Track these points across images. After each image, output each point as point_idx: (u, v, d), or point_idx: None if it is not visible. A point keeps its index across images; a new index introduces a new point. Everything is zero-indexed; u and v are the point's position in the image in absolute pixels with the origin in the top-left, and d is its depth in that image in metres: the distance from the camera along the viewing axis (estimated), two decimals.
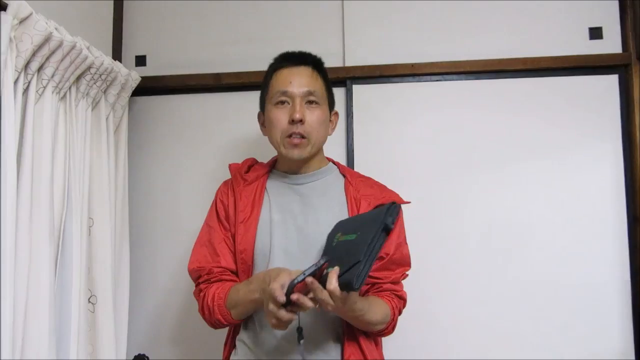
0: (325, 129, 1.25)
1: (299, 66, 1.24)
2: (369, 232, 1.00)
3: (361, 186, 1.25)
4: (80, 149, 1.39)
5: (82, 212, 1.37)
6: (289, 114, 1.19)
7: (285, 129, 1.20)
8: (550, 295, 1.58)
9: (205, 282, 1.23)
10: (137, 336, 1.72)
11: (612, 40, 1.62)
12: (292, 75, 1.22)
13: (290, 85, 1.21)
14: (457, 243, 1.63)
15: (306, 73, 1.23)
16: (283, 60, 1.27)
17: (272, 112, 1.22)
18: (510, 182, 1.63)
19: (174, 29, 1.82)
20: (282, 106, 1.21)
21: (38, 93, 1.22)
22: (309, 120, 1.19)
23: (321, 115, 1.22)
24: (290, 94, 1.20)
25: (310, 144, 1.21)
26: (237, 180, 1.30)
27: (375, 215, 1.04)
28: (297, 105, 1.19)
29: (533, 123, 1.64)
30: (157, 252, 1.76)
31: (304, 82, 1.21)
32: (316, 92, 1.22)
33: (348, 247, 1.03)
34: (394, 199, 1.22)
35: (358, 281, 0.96)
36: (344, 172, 1.31)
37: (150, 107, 1.80)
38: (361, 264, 0.96)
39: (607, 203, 1.59)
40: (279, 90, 1.21)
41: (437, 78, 1.68)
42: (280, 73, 1.24)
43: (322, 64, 1.29)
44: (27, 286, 1.16)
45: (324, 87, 1.26)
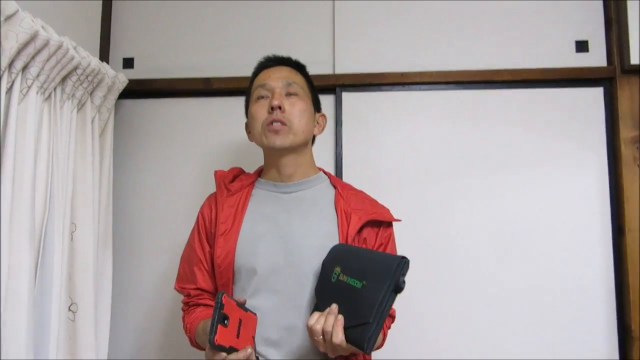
0: (308, 120, 1.21)
1: (278, 66, 1.25)
2: (378, 288, 0.95)
3: (352, 200, 1.20)
4: (64, 152, 1.35)
5: (65, 217, 1.33)
6: (269, 105, 1.17)
7: (265, 119, 1.17)
8: (536, 304, 1.59)
9: (186, 304, 1.24)
10: (119, 346, 1.67)
11: (598, 54, 1.65)
12: (271, 72, 1.23)
13: (269, 78, 1.21)
14: (445, 251, 1.62)
15: (286, 69, 1.24)
16: (263, 62, 1.28)
17: (253, 108, 1.21)
18: (496, 191, 1.64)
19: (163, 32, 1.79)
20: (262, 100, 1.20)
21: (22, 93, 1.18)
22: (289, 109, 1.17)
23: (303, 106, 1.20)
24: (270, 87, 1.19)
25: (292, 132, 1.17)
26: (220, 189, 1.25)
27: (383, 266, 0.98)
28: (276, 94, 1.18)
29: (520, 133, 1.65)
30: (141, 260, 1.72)
31: (283, 76, 1.21)
32: (295, 84, 1.21)
33: (352, 295, 0.98)
34: (384, 215, 1.21)
35: (369, 345, 0.92)
36: (335, 183, 1.25)
37: (138, 110, 1.77)
38: (372, 326, 0.92)
39: (592, 214, 1.61)
40: (258, 84, 1.21)
41: (427, 87, 1.69)
42: (260, 73, 1.25)
43: (303, 67, 1.29)
44: (5, 293, 1.12)
45: (305, 83, 1.25)
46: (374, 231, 1.18)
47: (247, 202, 1.21)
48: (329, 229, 1.15)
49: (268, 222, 1.17)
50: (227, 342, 0.94)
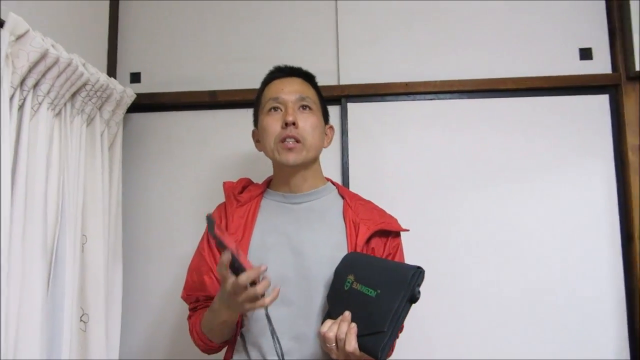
0: (319, 135, 1.21)
1: (290, 77, 1.24)
2: (393, 298, 0.96)
3: (360, 210, 1.21)
4: (75, 165, 1.38)
5: (76, 229, 1.36)
6: (282, 118, 1.17)
7: (279, 134, 1.16)
8: (545, 312, 1.58)
9: (193, 310, 1.24)
10: (128, 356, 1.69)
11: (602, 61, 1.65)
12: (284, 84, 1.22)
13: (282, 91, 1.20)
14: (451, 260, 1.63)
15: (298, 81, 1.24)
16: (274, 72, 1.27)
17: (265, 120, 1.20)
18: (502, 200, 1.64)
19: (168, 46, 1.82)
20: (274, 112, 1.19)
21: (33, 109, 1.21)
22: (302, 125, 1.17)
23: (315, 121, 1.20)
24: (283, 100, 1.19)
25: (305, 149, 1.17)
26: (230, 200, 1.26)
27: (398, 275, 0.99)
28: (289, 109, 1.17)
29: (525, 142, 1.65)
30: (150, 271, 1.74)
31: (296, 89, 1.21)
32: (309, 98, 1.21)
33: (366, 303, 0.99)
34: (393, 225, 1.21)
35: (383, 354, 0.93)
36: (343, 193, 1.26)
37: (145, 123, 1.80)
38: (385, 335, 0.93)
39: (600, 221, 1.60)
40: (270, 97, 1.20)
41: (431, 97, 1.70)
42: (271, 84, 1.24)
43: (313, 78, 1.29)
44: (19, 304, 1.14)
45: (316, 96, 1.25)
46: (382, 241, 1.19)
47: (257, 213, 1.22)
48: (337, 239, 1.16)
49: (277, 233, 1.18)
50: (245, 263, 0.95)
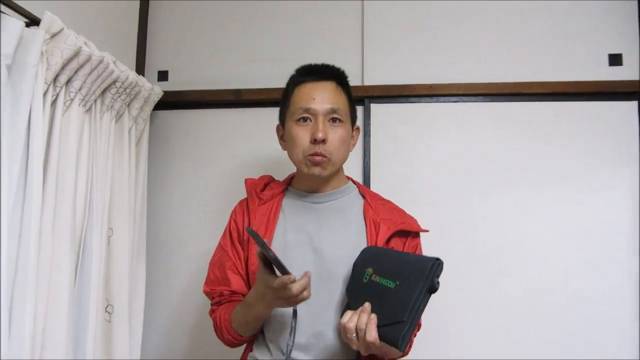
0: (347, 147, 1.21)
1: (322, 81, 1.19)
2: (412, 289, 0.96)
3: (381, 209, 1.21)
4: (103, 160, 1.42)
5: (103, 222, 1.40)
6: (311, 132, 1.15)
7: (307, 148, 1.15)
8: (558, 322, 1.57)
9: (217, 304, 1.25)
10: (150, 348, 1.73)
11: (632, 67, 1.62)
12: (315, 91, 1.17)
13: (313, 102, 1.16)
14: (473, 263, 1.62)
15: (330, 88, 1.18)
16: (305, 73, 1.22)
17: (294, 129, 1.17)
18: (524, 205, 1.63)
19: (195, 46, 1.86)
20: (304, 123, 1.17)
21: (65, 105, 1.25)
22: (331, 140, 1.15)
23: (344, 134, 1.18)
24: (313, 111, 1.15)
25: (331, 164, 1.17)
26: (252, 198, 1.27)
27: (417, 267, 0.99)
28: (319, 124, 1.14)
29: (549, 147, 1.64)
30: (172, 265, 1.78)
31: (327, 99, 1.16)
32: (339, 110, 1.17)
33: (385, 294, 1.00)
34: (413, 226, 1.22)
35: (403, 343, 0.93)
36: (364, 192, 1.27)
37: (171, 121, 1.84)
38: (405, 325, 0.94)
39: (623, 230, 1.58)
40: (301, 106, 1.16)
41: (455, 99, 1.70)
42: (302, 88, 1.19)
43: (345, 78, 1.25)
44: (48, 294, 1.18)
45: (347, 103, 1.21)
46: (402, 241, 1.19)
47: (279, 212, 1.24)
48: (357, 238, 1.17)
49: (299, 232, 1.19)
50: None
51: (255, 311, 1.11)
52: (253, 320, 1.14)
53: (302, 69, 1.25)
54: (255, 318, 1.13)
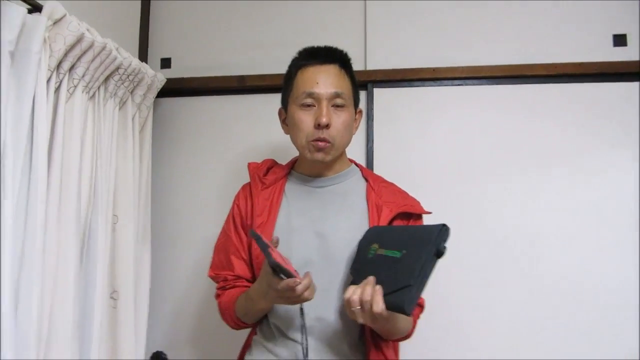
0: (350, 132, 1.21)
1: (325, 64, 1.18)
2: (419, 253, 0.96)
3: (383, 192, 1.22)
4: (107, 147, 1.42)
5: (107, 209, 1.41)
6: (315, 117, 1.14)
7: (311, 133, 1.15)
8: (564, 299, 1.57)
9: (221, 289, 1.26)
10: (156, 334, 1.75)
11: (636, 48, 1.61)
12: (319, 75, 1.16)
13: (317, 86, 1.14)
14: (473, 246, 1.62)
15: (333, 72, 1.17)
16: (309, 56, 1.20)
17: (297, 114, 1.17)
18: (528, 186, 1.62)
19: (198, 32, 1.85)
20: (307, 109, 1.16)
21: (69, 92, 1.26)
22: (335, 125, 1.15)
23: (347, 119, 1.17)
24: (317, 96, 1.15)
25: (335, 149, 1.17)
26: (255, 182, 1.28)
27: (423, 234, 1.00)
28: (323, 108, 1.13)
29: (553, 129, 1.63)
30: (176, 251, 1.79)
31: (331, 83, 1.15)
32: (343, 94, 1.16)
33: (391, 264, 0.99)
34: (415, 207, 1.22)
35: (410, 307, 0.93)
36: (366, 175, 1.27)
37: (175, 108, 1.84)
38: (413, 288, 0.93)
39: (626, 209, 1.57)
40: (304, 91, 1.15)
41: (458, 83, 1.69)
42: (305, 71, 1.18)
43: (348, 60, 1.23)
44: (55, 279, 1.19)
45: (350, 86, 1.20)
46: (404, 223, 1.20)
47: (282, 196, 1.24)
48: (360, 222, 1.17)
49: (302, 216, 1.20)
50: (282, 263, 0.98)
51: (258, 306, 1.14)
52: (256, 312, 1.17)
53: (305, 51, 1.23)
54: (259, 310, 1.16)
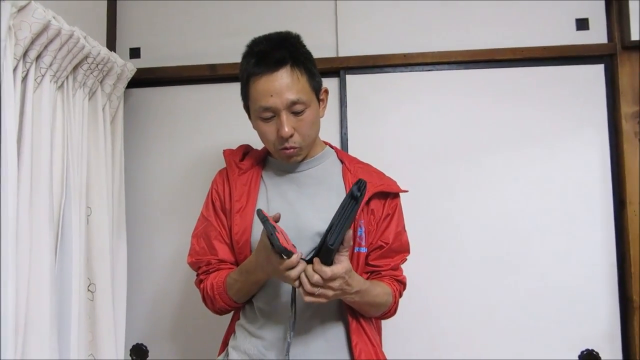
0: (317, 125, 1.20)
1: (275, 71, 1.11)
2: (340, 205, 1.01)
3: (360, 173, 1.23)
4: (78, 138, 1.39)
5: (81, 201, 1.38)
6: (277, 128, 1.14)
7: (277, 143, 1.16)
8: (537, 279, 1.63)
9: (204, 273, 1.25)
10: (135, 326, 1.74)
11: (598, 31, 1.67)
12: (272, 85, 1.11)
13: (272, 99, 1.11)
14: (447, 230, 1.67)
15: (286, 79, 1.11)
16: (258, 63, 1.13)
17: (260, 126, 1.17)
18: (499, 169, 1.67)
19: (167, 21, 1.82)
20: (268, 121, 1.15)
21: (36, 81, 1.22)
22: (299, 130, 1.14)
23: (310, 117, 1.15)
24: (274, 109, 1.12)
25: (304, 150, 1.19)
26: (231, 168, 1.28)
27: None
28: (283, 120, 1.12)
29: (522, 112, 1.68)
30: (153, 241, 1.78)
31: (286, 91, 1.10)
32: (300, 98, 1.12)
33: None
34: (392, 187, 1.25)
35: (332, 237, 0.96)
36: (342, 157, 1.29)
37: (145, 98, 1.81)
38: (334, 227, 0.97)
39: (594, 189, 1.64)
40: (260, 105, 1.13)
41: (429, 68, 1.72)
42: (258, 82, 1.12)
43: (299, 50, 1.16)
44: (29, 273, 1.17)
45: (307, 83, 1.15)
46: (381, 202, 1.22)
47: (259, 181, 1.25)
48: (337, 203, 1.16)
49: (280, 200, 1.21)
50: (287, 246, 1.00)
51: (254, 277, 1.14)
52: (251, 285, 1.17)
53: (253, 53, 1.16)
54: (254, 283, 1.16)
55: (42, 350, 1.17)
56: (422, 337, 1.64)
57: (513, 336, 1.62)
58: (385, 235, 1.21)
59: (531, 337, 1.62)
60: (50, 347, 1.19)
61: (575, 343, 1.61)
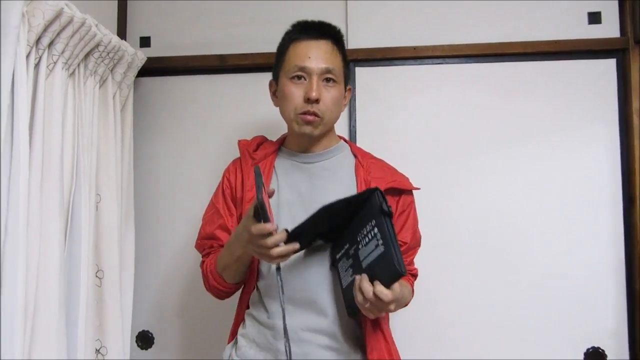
0: (339, 108, 1.22)
1: (318, 40, 1.19)
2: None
3: (372, 168, 1.23)
4: (88, 126, 1.40)
5: (90, 188, 1.40)
6: (305, 91, 1.16)
7: (300, 106, 1.17)
8: (544, 276, 1.62)
9: (206, 255, 1.28)
10: (141, 313, 1.76)
11: (611, 25, 1.65)
12: (311, 50, 1.17)
13: (309, 60, 1.16)
14: (454, 223, 1.66)
15: (325, 48, 1.19)
16: (302, 30, 1.21)
17: (287, 87, 1.18)
18: (508, 163, 1.66)
19: (177, 10, 1.83)
20: (298, 81, 1.17)
21: (49, 68, 1.24)
22: (324, 100, 1.16)
23: (337, 95, 1.19)
24: (308, 70, 1.16)
25: (323, 123, 1.18)
26: (245, 158, 1.29)
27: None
28: (314, 83, 1.15)
29: (533, 106, 1.66)
30: (160, 229, 1.79)
31: (323, 58, 1.17)
32: (334, 70, 1.18)
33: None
34: (404, 183, 1.25)
35: (401, 265, 0.95)
36: (355, 152, 1.29)
37: (155, 87, 1.82)
38: (391, 250, 0.96)
39: (603, 184, 1.63)
40: (296, 64, 1.17)
41: (438, 61, 1.71)
42: (298, 45, 1.19)
43: (341, 38, 1.25)
44: (39, 258, 1.18)
45: (341, 63, 1.22)
46: (395, 199, 1.22)
47: (271, 171, 1.25)
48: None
49: (291, 191, 1.21)
50: (269, 210, 0.98)
51: (235, 253, 1.13)
52: (235, 264, 1.16)
53: (299, 24, 1.24)
54: (237, 261, 1.15)
55: (50, 334, 1.19)
56: (425, 337, 1.64)
57: (518, 334, 1.62)
58: (403, 234, 1.21)
59: (537, 335, 1.61)
60: (58, 330, 1.21)
61: (581, 341, 1.60)
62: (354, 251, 1.05)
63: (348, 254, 1.07)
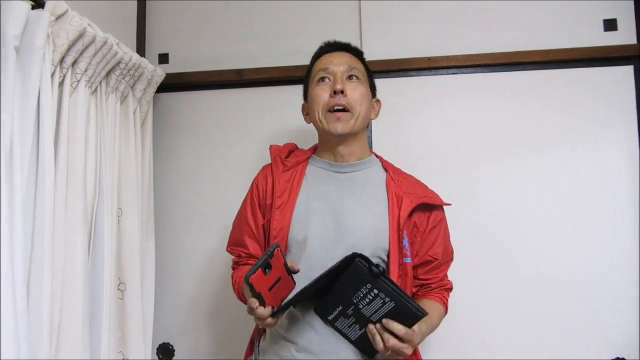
0: (368, 105, 1.24)
1: (340, 51, 1.29)
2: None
3: (403, 184, 1.24)
4: (110, 142, 1.44)
5: (112, 202, 1.43)
6: (330, 87, 1.21)
7: (327, 102, 1.21)
8: (565, 282, 1.60)
9: (236, 264, 1.32)
10: (162, 325, 1.77)
11: (627, 32, 1.64)
12: (333, 57, 1.26)
13: (331, 63, 1.24)
14: (474, 234, 1.65)
15: (347, 55, 1.28)
16: (324, 47, 1.32)
17: (314, 90, 1.24)
18: (526, 173, 1.65)
19: (195, 27, 1.87)
20: (323, 83, 1.24)
21: (72, 86, 1.27)
22: (350, 93, 1.20)
23: (363, 90, 1.23)
24: (332, 71, 1.23)
25: (353, 117, 1.20)
26: (276, 164, 1.30)
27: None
28: (338, 78, 1.21)
29: (549, 115, 1.66)
30: (180, 244, 1.81)
31: (345, 61, 1.25)
32: (357, 69, 1.25)
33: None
34: (435, 199, 1.25)
35: (420, 309, 0.97)
36: (386, 166, 1.30)
37: (174, 102, 1.86)
38: (403, 302, 0.98)
39: (621, 191, 1.61)
40: (320, 68, 1.25)
41: (453, 71, 1.72)
42: (321, 58, 1.29)
43: (362, 53, 1.33)
44: (63, 271, 1.21)
45: (364, 70, 1.29)
46: (425, 215, 1.23)
47: (302, 178, 1.26)
48: (379, 210, 1.19)
49: (321, 200, 1.22)
50: (260, 287, 0.98)
51: (244, 295, 1.20)
52: None
53: (322, 45, 1.33)
54: None
55: (75, 347, 1.22)
56: (443, 339, 1.62)
57: (538, 343, 1.60)
58: (434, 249, 1.22)
59: (557, 344, 1.59)
60: (83, 343, 1.23)
61: (602, 350, 1.57)
62: (353, 311, 1.04)
63: (346, 314, 1.06)
